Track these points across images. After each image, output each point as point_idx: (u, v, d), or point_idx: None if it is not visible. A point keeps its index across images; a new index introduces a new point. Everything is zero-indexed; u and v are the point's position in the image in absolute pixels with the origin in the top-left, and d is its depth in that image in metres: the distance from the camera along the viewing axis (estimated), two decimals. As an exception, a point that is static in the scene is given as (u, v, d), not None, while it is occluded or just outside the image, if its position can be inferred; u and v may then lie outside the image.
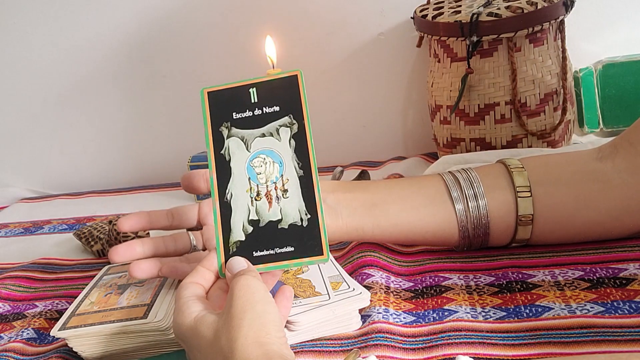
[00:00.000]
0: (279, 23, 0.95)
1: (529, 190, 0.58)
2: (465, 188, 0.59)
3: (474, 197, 0.59)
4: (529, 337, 0.50)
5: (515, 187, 0.59)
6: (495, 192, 0.59)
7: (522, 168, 0.60)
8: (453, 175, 0.61)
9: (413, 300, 0.58)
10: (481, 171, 0.61)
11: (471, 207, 0.59)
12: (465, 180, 0.60)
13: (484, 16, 0.74)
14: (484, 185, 0.59)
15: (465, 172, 0.61)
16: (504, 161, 0.62)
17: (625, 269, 0.56)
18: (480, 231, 0.59)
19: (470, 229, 0.59)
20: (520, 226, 0.59)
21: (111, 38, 0.99)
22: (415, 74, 0.95)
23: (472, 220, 0.59)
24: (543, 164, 0.61)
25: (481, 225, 0.59)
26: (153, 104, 1.03)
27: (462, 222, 0.59)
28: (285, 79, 0.53)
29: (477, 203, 0.59)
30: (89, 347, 0.55)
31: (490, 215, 0.59)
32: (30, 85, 1.04)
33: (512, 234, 0.60)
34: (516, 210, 0.58)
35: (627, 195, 0.57)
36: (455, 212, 0.59)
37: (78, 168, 1.08)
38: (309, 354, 0.52)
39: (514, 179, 0.59)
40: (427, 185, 0.61)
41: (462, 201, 0.59)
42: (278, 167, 0.51)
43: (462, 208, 0.59)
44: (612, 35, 0.91)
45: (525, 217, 0.58)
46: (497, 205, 0.59)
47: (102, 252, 0.78)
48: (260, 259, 0.49)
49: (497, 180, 0.60)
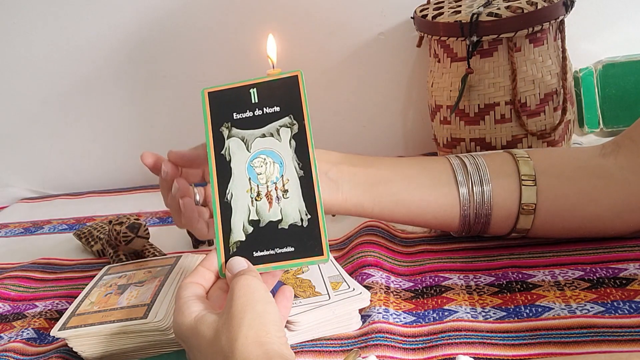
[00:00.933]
0: (279, 23, 0.95)
1: (534, 179, 0.58)
2: (471, 172, 0.59)
3: (479, 182, 0.58)
4: (529, 337, 0.50)
5: (520, 175, 0.58)
6: (500, 178, 0.59)
7: (528, 158, 0.60)
8: (460, 159, 0.61)
9: (413, 300, 0.58)
10: (488, 158, 0.61)
11: (475, 192, 0.58)
12: (472, 165, 0.59)
13: (484, 16, 0.74)
14: (490, 171, 0.59)
15: (472, 157, 0.61)
16: (511, 151, 0.62)
17: (625, 269, 0.56)
18: (482, 217, 0.59)
19: (472, 214, 0.59)
20: (522, 215, 0.59)
21: (111, 38, 0.99)
22: (415, 74, 0.95)
23: (475, 205, 0.58)
24: (548, 156, 0.61)
25: (483, 211, 0.59)
26: (153, 104, 1.03)
27: (465, 206, 0.59)
28: (285, 80, 0.53)
29: (482, 188, 0.58)
30: (89, 347, 0.55)
31: (493, 201, 0.58)
32: (30, 85, 1.04)
33: (513, 222, 0.60)
34: (519, 198, 0.58)
35: (628, 192, 0.57)
36: (459, 195, 0.58)
37: (78, 168, 1.08)
38: (309, 354, 0.52)
39: (520, 168, 0.59)
40: (432, 166, 0.61)
41: (466, 185, 0.59)
42: (278, 167, 0.51)
43: (466, 192, 0.58)
44: (612, 35, 0.91)
45: (528, 205, 0.58)
46: (501, 192, 0.58)
47: (102, 252, 0.77)
48: (260, 259, 0.49)
49: (503, 167, 0.59)
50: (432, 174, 0.59)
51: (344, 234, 0.74)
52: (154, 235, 0.75)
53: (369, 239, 0.68)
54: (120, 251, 0.73)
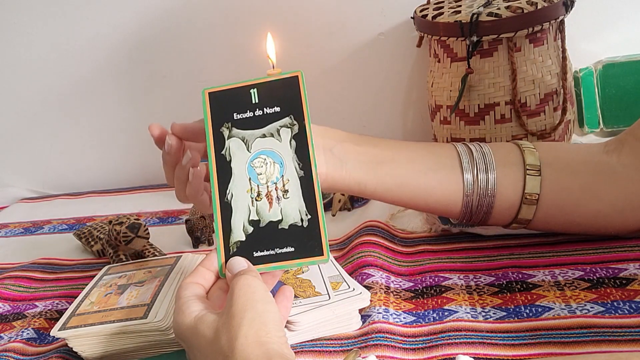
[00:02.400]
0: (279, 23, 0.95)
1: (539, 170, 0.58)
2: (477, 159, 0.59)
3: (485, 169, 0.58)
4: (529, 337, 0.50)
5: (525, 165, 0.58)
6: (505, 167, 0.59)
7: (533, 149, 0.60)
8: (466, 145, 0.61)
9: (413, 300, 0.58)
10: (494, 146, 0.61)
11: (480, 179, 0.58)
12: (478, 152, 0.59)
13: (484, 16, 0.74)
14: (496, 159, 0.59)
15: (479, 145, 0.60)
16: (517, 141, 0.62)
17: (625, 269, 0.56)
18: (484, 204, 0.59)
19: (475, 201, 0.59)
20: (525, 205, 0.58)
21: (111, 38, 0.99)
22: (415, 74, 0.95)
23: (479, 191, 0.58)
24: (553, 149, 0.61)
25: (486, 198, 0.58)
26: (153, 104, 1.03)
27: (468, 193, 0.58)
28: (286, 80, 0.53)
29: (487, 176, 0.58)
30: (89, 347, 0.55)
31: (497, 189, 0.58)
32: (30, 85, 1.04)
33: (515, 212, 0.59)
34: (523, 188, 0.58)
35: (631, 190, 0.57)
36: (463, 181, 0.58)
37: (78, 168, 1.08)
38: (309, 354, 0.52)
39: (525, 157, 0.59)
40: (438, 151, 0.60)
41: (471, 171, 0.58)
42: (279, 167, 0.51)
43: (470, 178, 0.58)
44: (612, 35, 0.91)
45: (531, 195, 0.58)
46: (506, 181, 0.58)
47: (102, 252, 0.78)
48: (260, 259, 0.49)
49: (509, 156, 0.59)
50: (438, 158, 0.59)
51: (344, 234, 0.74)
52: (154, 235, 0.75)
53: (369, 239, 0.68)
54: (120, 251, 0.73)
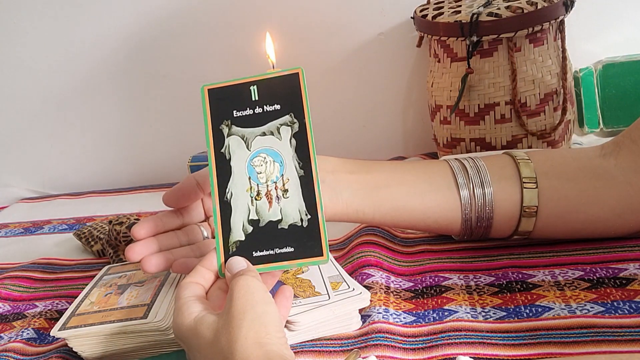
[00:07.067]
0: (279, 23, 0.95)
1: (535, 182, 0.58)
2: (472, 175, 0.58)
3: (480, 184, 0.58)
4: (529, 337, 0.50)
5: (521, 177, 0.58)
6: (501, 181, 0.58)
7: (528, 160, 0.59)
8: (460, 161, 0.60)
9: (413, 300, 0.58)
10: (488, 160, 0.60)
11: (477, 195, 0.58)
12: (472, 168, 0.59)
13: (484, 16, 0.74)
14: (491, 174, 0.59)
15: (472, 160, 0.60)
16: (510, 152, 0.61)
17: (625, 269, 0.56)
18: (484, 220, 0.59)
19: (474, 217, 0.59)
20: (524, 217, 0.58)
21: (111, 38, 0.99)
22: (415, 74, 0.95)
23: (477, 208, 0.58)
24: (548, 157, 0.61)
25: (485, 214, 0.58)
26: (153, 104, 1.03)
27: (466, 210, 0.58)
28: (286, 77, 0.52)
29: (483, 191, 0.58)
30: (89, 347, 0.55)
31: (495, 204, 0.58)
32: (30, 85, 1.04)
33: (515, 225, 0.59)
34: (521, 201, 0.58)
35: (629, 194, 0.57)
36: (460, 198, 0.58)
37: (78, 168, 1.08)
38: (309, 354, 0.52)
39: (521, 170, 0.58)
40: (432, 170, 0.60)
41: (467, 188, 0.58)
42: (278, 166, 0.50)
43: (467, 195, 0.58)
44: (612, 35, 0.91)
45: (529, 208, 0.58)
46: (503, 195, 0.58)
47: (102, 252, 0.77)
48: (260, 259, 0.49)
49: (504, 170, 0.59)
50: (432, 178, 0.59)
51: (344, 234, 0.74)
52: (153, 235, 0.75)
53: (369, 239, 0.68)
54: (120, 251, 0.73)
